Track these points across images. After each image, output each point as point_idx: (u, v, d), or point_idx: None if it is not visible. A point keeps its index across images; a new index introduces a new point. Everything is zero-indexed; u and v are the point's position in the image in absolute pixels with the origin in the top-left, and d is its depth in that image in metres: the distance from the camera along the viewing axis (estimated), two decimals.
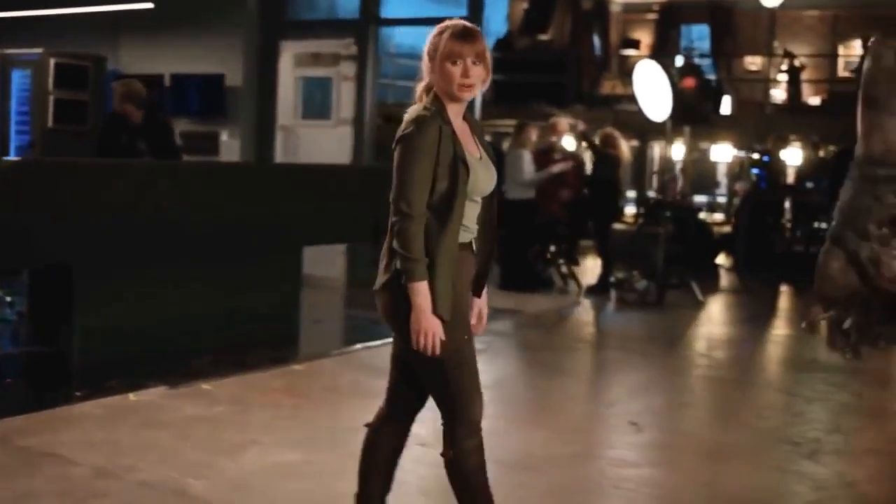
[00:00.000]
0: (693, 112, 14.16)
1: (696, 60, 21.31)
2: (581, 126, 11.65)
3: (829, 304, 4.23)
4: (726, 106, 20.37)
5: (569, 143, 13.09)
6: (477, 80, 3.35)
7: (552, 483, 4.80)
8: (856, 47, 21.84)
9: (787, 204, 14.99)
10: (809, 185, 15.23)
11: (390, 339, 3.66)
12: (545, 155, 11.06)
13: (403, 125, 3.34)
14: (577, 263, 11.74)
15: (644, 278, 10.74)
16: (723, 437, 5.83)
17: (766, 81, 21.95)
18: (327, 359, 7.31)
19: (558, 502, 4.60)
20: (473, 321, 3.58)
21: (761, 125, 17.86)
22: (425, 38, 3.45)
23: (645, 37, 23.81)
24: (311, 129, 10.62)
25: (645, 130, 17.96)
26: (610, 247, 11.23)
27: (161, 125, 8.09)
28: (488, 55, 3.37)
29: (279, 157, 10.68)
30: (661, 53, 20.68)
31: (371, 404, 5.90)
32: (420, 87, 3.46)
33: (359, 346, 7.72)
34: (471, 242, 3.46)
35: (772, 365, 8.43)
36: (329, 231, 8.21)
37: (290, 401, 6.03)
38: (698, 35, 25.13)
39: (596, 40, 22.36)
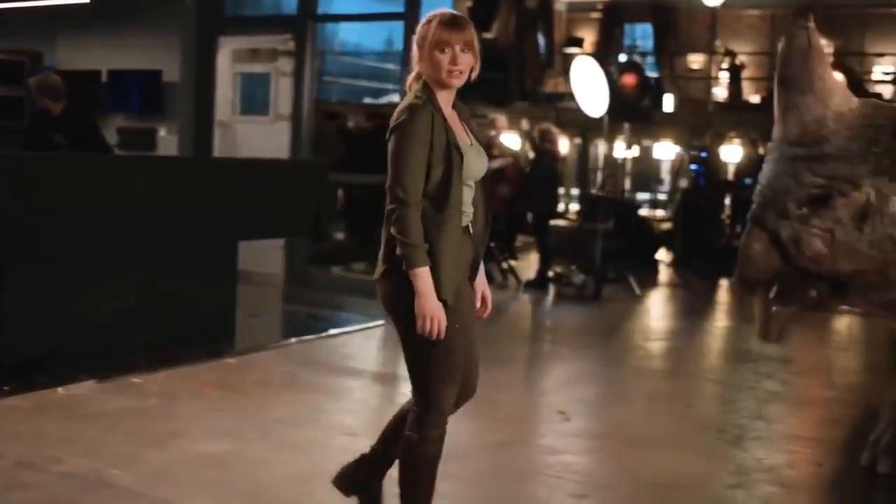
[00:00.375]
0: (632, 108, 14.34)
1: (639, 58, 21.58)
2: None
3: (752, 286, 4.28)
4: (669, 103, 20.58)
5: (509, 139, 13.16)
6: (465, 68, 3.41)
7: (480, 471, 4.84)
8: None
9: (726, 200, 15.22)
10: (748, 181, 15.39)
11: (325, 334, 3.67)
12: None
13: (396, 114, 3.38)
14: (515, 258, 11.81)
15: (582, 273, 10.82)
16: (651, 425, 5.90)
17: (709, 79, 22.17)
18: (261, 352, 7.29)
19: (485, 490, 4.65)
20: (477, 304, 3.63)
21: (703, 122, 18.04)
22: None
23: (589, 35, 23.95)
24: (249, 125, 10.57)
25: (588, 128, 18.09)
26: (548, 242, 11.31)
27: (83, 118, 8.03)
28: (476, 43, 3.43)
29: (217, 153, 10.61)
30: (605, 51, 20.84)
31: (303, 398, 5.96)
32: (410, 77, 3.52)
33: (294, 340, 7.73)
34: (468, 226, 3.51)
35: (704, 356, 8.54)
36: (264, 226, 8.19)
37: (221, 393, 6.03)
38: (642, 34, 25.35)
39: (540, 39, 22.46)
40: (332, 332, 8.04)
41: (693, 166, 15.54)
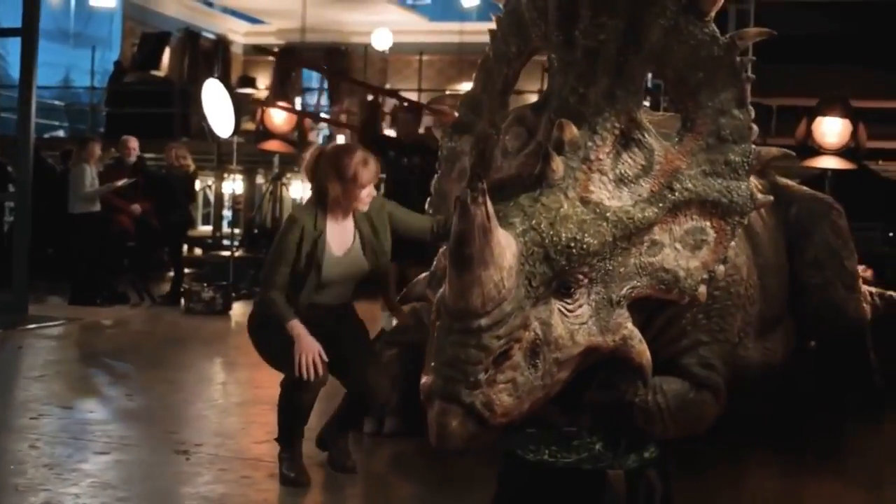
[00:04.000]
0: (283, 141, 14.66)
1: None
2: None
3: (453, 454, 4.41)
4: (341, 140, 21.28)
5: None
6: (370, 196, 4.56)
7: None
8: (458, 86, 23.49)
9: None
10: None
11: None
12: (115, 170, 11.28)
13: (287, 217, 4.65)
14: (148, 275, 11.92)
15: (212, 290, 10.98)
16: None
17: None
18: None
19: None
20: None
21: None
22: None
23: (266, 77, 24.36)
24: None
25: (254, 161, 18.44)
26: (182, 258, 11.63)
27: None
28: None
29: None
30: (280, 92, 21.16)
31: None
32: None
33: None
34: (326, 302, 4.58)
35: None
36: None
37: None
38: (318, 77, 26.01)
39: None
40: None
41: None
